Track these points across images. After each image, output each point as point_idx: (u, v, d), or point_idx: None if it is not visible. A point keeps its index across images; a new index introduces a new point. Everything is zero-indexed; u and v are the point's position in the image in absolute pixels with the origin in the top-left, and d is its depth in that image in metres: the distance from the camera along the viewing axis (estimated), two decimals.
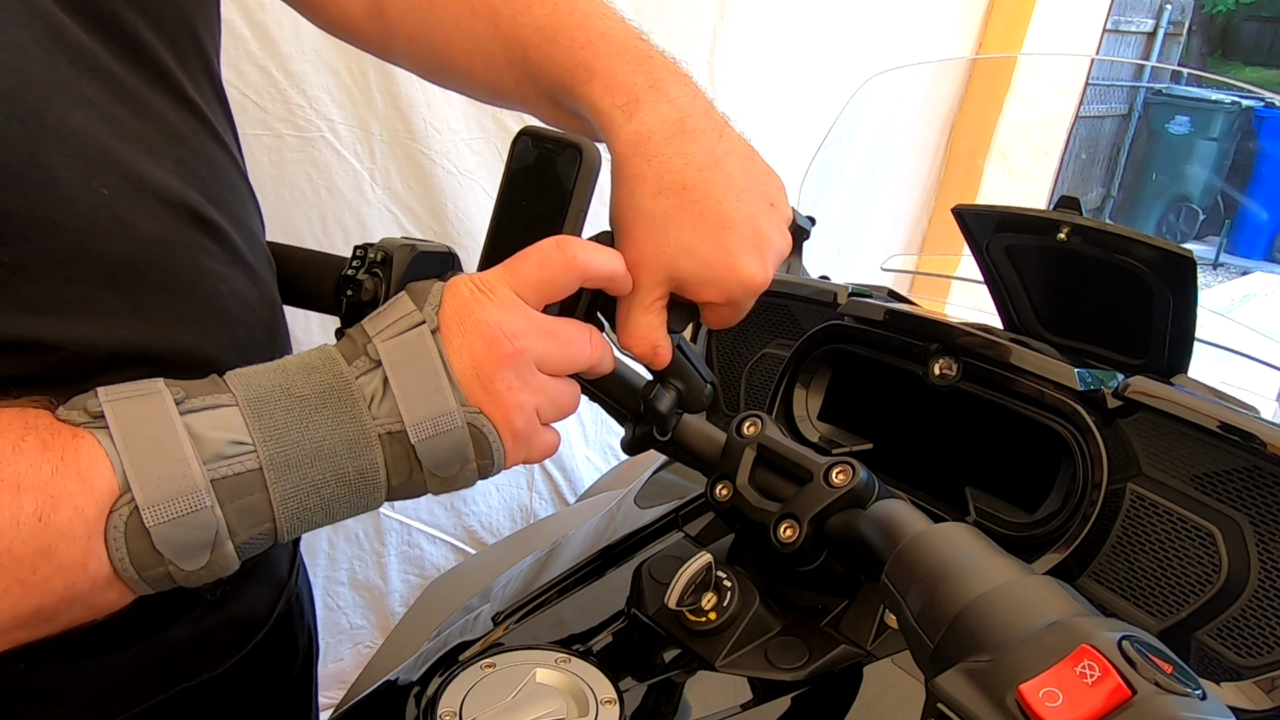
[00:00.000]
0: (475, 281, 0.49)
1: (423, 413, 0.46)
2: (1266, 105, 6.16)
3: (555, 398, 0.50)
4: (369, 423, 0.46)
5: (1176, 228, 6.52)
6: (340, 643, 1.81)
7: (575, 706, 0.57)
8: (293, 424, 0.45)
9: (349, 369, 0.47)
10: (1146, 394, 0.67)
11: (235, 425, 0.44)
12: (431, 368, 0.47)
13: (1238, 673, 0.61)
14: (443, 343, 0.47)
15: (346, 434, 0.45)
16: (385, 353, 0.47)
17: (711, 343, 0.97)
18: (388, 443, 0.46)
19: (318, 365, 0.47)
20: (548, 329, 0.49)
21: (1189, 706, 0.35)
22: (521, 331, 0.48)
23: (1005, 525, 0.72)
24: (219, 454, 0.43)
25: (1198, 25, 9.95)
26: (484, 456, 0.49)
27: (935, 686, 0.40)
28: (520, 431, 0.49)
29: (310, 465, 0.45)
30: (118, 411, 0.42)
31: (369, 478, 0.46)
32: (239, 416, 0.44)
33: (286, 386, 0.46)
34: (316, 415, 0.45)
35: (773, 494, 0.64)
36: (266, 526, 0.45)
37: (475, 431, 0.47)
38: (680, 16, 1.75)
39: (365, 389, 0.46)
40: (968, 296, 1.35)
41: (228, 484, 0.43)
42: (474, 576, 0.96)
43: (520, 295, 0.48)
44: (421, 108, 1.50)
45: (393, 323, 0.48)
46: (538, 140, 0.51)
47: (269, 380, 0.46)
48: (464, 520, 1.88)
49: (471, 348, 0.47)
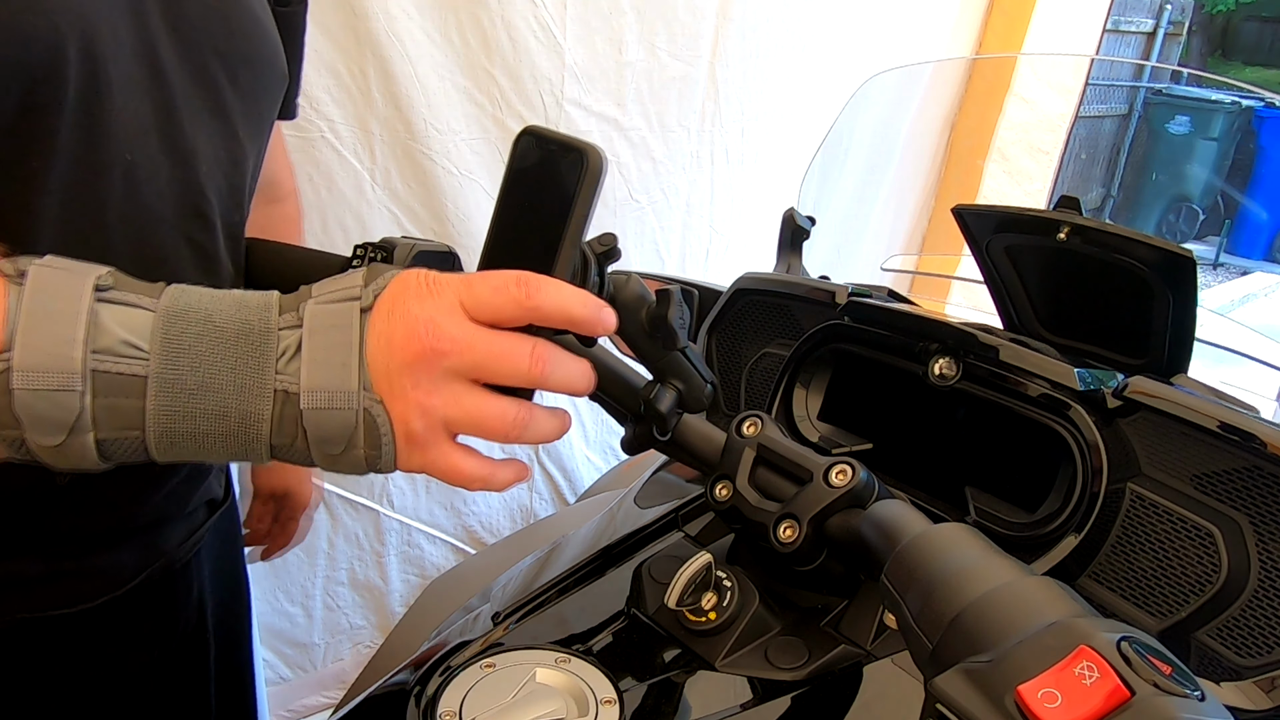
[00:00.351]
0: (426, 278, 0.48)
1: (321, 382, 0.46)
2: (1266, 105, 6.16)
3: (474, 413, 0.47)
4: (269, 374, 0.46)
5: (1176, 228, 6.52)
6: (340, 643, 1.81)
7: (575, 706, 0.57)
8: (196, 349, 0.45)
9: (278, 318, 0.47)
10: (1146, 394, 0.67)
11: (140, 329, 0.45)
12: (345, 341, 0.46)
13: (1237, 673, 0.61)
14: (368, 323, 0.47)
15: (242, 377, 0.46)
16: (310, 315, 0.47)
17: (711, 343, 0.97)
18: (281, 400, 0.46)
19: (252, 305, 0.47)
20: (480, 340, 0.47)
21: (1188, 708, 0.35)
22: (448, 335, 0.46)
23: (1005, 525, 0.72)
24: (111, 349, 0.44)
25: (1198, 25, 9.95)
26: (372, 446, 0.47)
27: (934, 687, 0.40)
28: (416, 435, 0.47)
29: (195, 394, 0.45)
30: (38, 277, 0.44)
31: (250, 426, 0.46)
32: (149, 323, 0.45)
33: (210, 314, 0.46)
34: (222, 349, 0.46)
35: (772, 494, 0.64)
36: (134, 435, 0.45)
37: (368, 418, 0.47)
38: (682, 17, 1.76)
39: (282, 342, 0.46)
40: (968, 296, 1.35)
41: (108, 379, 0.44)
42: (474, 576, 0.96)
43: (465, 307, 0.47)
44: (422, 108, 1.50)
45: (335, 290, 0.48)
46: (541, 141, 0.50)
47: (199, 302, 0.47)
48: (464, 520, 1.89)
49: (391, 335, 0.46)
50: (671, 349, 0.65)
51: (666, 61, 1.78)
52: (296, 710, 1.78)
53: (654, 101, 1.80)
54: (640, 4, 1.68)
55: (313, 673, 1.80)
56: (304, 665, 1.78)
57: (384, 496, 1.74)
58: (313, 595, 1.74)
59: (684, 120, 1.87)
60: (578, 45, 1.63)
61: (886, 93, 1.49)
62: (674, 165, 1.89)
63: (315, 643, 1.78)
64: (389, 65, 1.44)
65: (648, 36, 1.72)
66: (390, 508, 1.76)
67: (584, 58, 1.65)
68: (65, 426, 0.43)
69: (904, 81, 1.70)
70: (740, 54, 1.88)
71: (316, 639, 1.78)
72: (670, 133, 1.86)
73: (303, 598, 1.72)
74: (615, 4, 1.65)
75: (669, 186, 1.91)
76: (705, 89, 1.87)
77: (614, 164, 1.80)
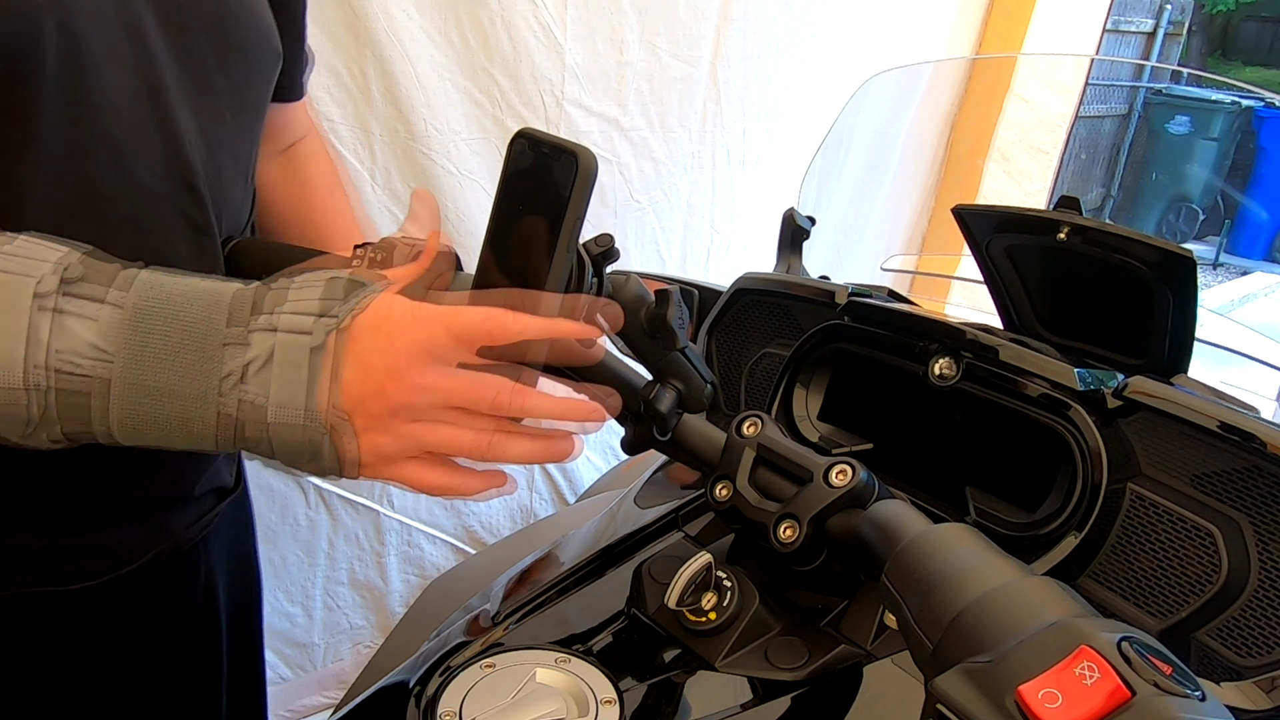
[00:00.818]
0: (395, 319, 0.48)
1: (288, 400, 0.47)
2: (1266, 105, 6.16)
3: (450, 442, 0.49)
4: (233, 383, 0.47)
5: (1176, 228, 6.52)
6: (340, 643, 1.81)
7: (575, 706, 0.57)
8: (162, 356, 0.46)
9: (250, 319, 0.47)
10: (1146, 394, 0.67)
11: (108, 332, 0.45)
12: (314, 363, 0.47)
13: (1238, 673, 0.61)
14: (344, 347, 0.47)
15: (207, 386, 0.46)
16: (283, 325, 0.47)
17: (711, 343, 0.97)
18: (249, 409, 0.47)
19: (224, 303, 0.47)
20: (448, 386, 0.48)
21: (1188, 708, 0.35)
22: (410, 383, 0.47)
23: (1005, 525, 0.72)
24: (76, 350, 0.45)
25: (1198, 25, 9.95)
26: (333, 460, 0.49)
27: (935, 687, 0.40)
28: (388, 456, 0.49)
29: (158, 399, 0.46)
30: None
31: (214, 429, 0.47)
32: (114, 323, 0.46)
33: (179, 312, 0.47)
34: (189, 355, 0.46)
35: (772, 494, 0.64)
36: (101, 430, 0.47)
37: (334, 437, 0.48)
38: (684, 18, 1.76)
39: (251, 350, 0.47)
40: (968, 296, 1.35)
41: (70, 379, 0.45)
42: (474, 576, 0.96)
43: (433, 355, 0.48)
44: (422, 108, 1.50)
45: (310, 300, 0.48)
46: (534, 144, 0.51)
47: (170, 298, 0.47)
48: (464, 520, 1.88)
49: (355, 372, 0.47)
50: (671, 349, 0.65)
51: (668, 62, 1.77)
52: (296, 710, 1.78)
53: (655, 102, 1.80)
54: (641, 4, 1.68)
55: (313, 673, 1.80)
56: (304, 665, 1.78)
57: (384, 496, 1.74)
58: (313, 595, 1.74)
59: (685, 121, 1.87)
60: (578, 45, 1.63)
61: (886, 93, 1.49)
62: (675, 166, 1.89)
63: (315, 643, 1.78)
64: (389, 65, 1.44)
65: (649, 37, 1.72)
66: (390, 508, 1.76)
67: (585, 58, 1.65)
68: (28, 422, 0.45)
69: (904, 81, 1.69)
70: (741, 54, 1.88)
71: (316, 639, 1.78)
72: (671, 133, 1.86)
73: (303, 598, 1.72)
74: (616, 4, 1.65)
75: (670, 187, 1.91)
76: (706, 89, 1.87)
77: (615, 164, 1.80)
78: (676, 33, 1.76)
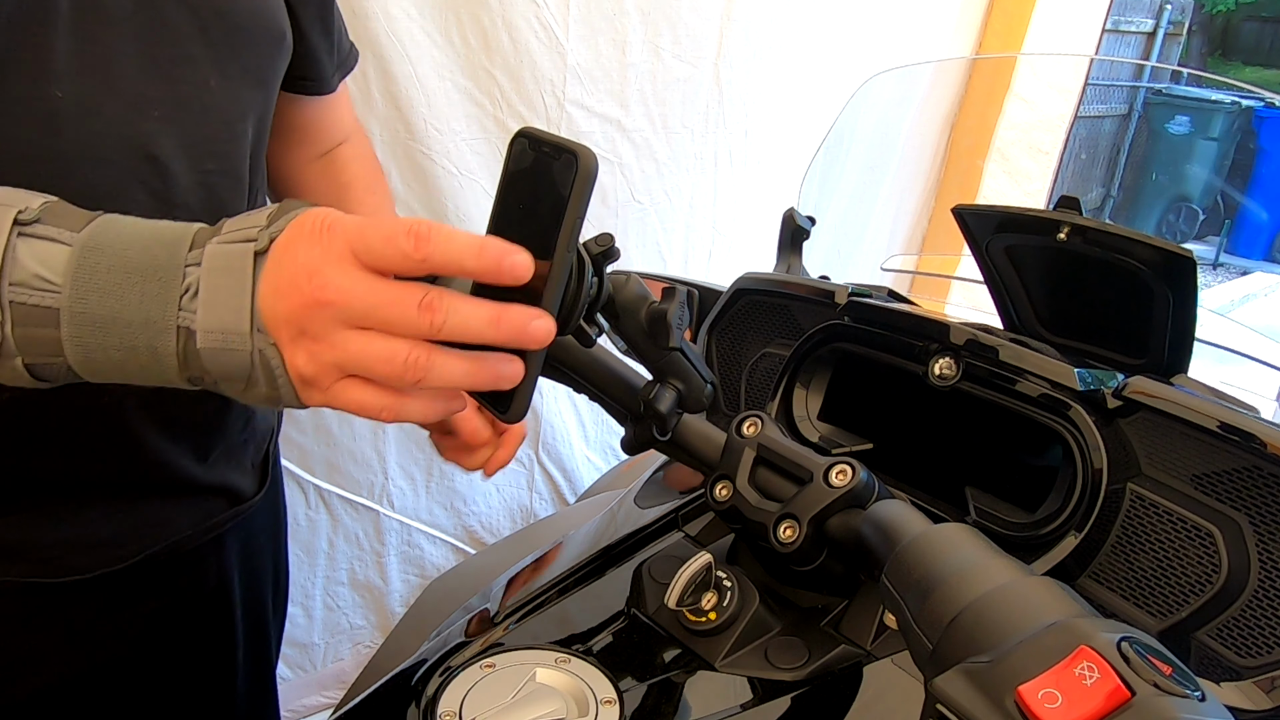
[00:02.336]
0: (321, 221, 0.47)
1: (215, 323, 0.47)
2: (1266, 105, 6.16)
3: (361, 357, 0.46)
4: (171, 310, 0.47)
5: (1176, 228, 6.52)
6: (340, 643, 1.81)
7: (575, 706, 0.57)
8: (107, 284, 0.47)
9: (186, 255, 0.47)
10: (1146, 394, 0.67)
11: (55, 265, 0.47)
12: (238, 286, 0.47)
13: (1238, 673, 0.61)
14: (262, 267, 0.47)
15: (148, 313, 0.47)
16: (209, 255, 0.47)
17: (711, 343, 0.97)
18: (184, 336, 0.47)
19: (168, 241, 0.48)
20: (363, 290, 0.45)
21: (1188, 708, 0.35)
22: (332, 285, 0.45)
23: (1005, 525, 0.72)
24: (25, 282, 0.46)
25: (1198, 25, 9.95)
26: (270, 386, 0.48)
27: (934, 687, 0.40)
28: (308, 378, 0.47)
29: (104, 327, 0.47)
30: None
31: (161, 360, 0.48)
32: (64, 257, 0.47)
33: (125, 249, 0.47)
34: (132, 286, 0.47)
35: (772, 494, 0.64)
36: (58, 361, 0.48)
37: (263, 359, 0.47)
38: (687, 19, 1.76)
39: (187, 279, 0.47)
40: (968, 296, 1.35)
41: (24, 310, 0.46)
42: (474, 576, 0.96)
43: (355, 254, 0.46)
44: (422, 108, 1.50)
45: (238, 229, 0.48)
46: (535, 143, 0.51)
47: (119, 236, 0.48)
48: (464, 520, 1.89)
49: (278, 283, 0.46)
50: (664, 346, 0.65)
51: (670, 63, 1.77)
52: (296, 710, 1.78)
53: (658, 103, 1.80)
54: (645, 5, 1.68)
55: (313, 673, 1.80)
56: (304, 665, 1.78)
57: (384, 496, 1.74)
58: (313, 595, 1.74)
59: (687, 121, 1.87)
60: (580, 46, 1.63)
61: (886, 93, 1.49)
62: (677, 166, 1.89)
63: (315, 643, 1.78)
64: (389, 65, 1.44)
65: (652, 38, 1.72)
66: (390, 508, 1.76)
67: (587, 58, 1.65)
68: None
69: (904, 81, 1.69)
70: (744, 55, 1.88)
71: (316, 639, 1.78)
72: (674, 134, 1.86)
73: (303, 598, 1.72)
74: (619, 5, 1.65)
75: (672, 188, 1.91)
76: (709, 90, 1.87)
77: (617, 165, 1.80)
78: (679, 33, 1.76)
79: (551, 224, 0.49)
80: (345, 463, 1.65)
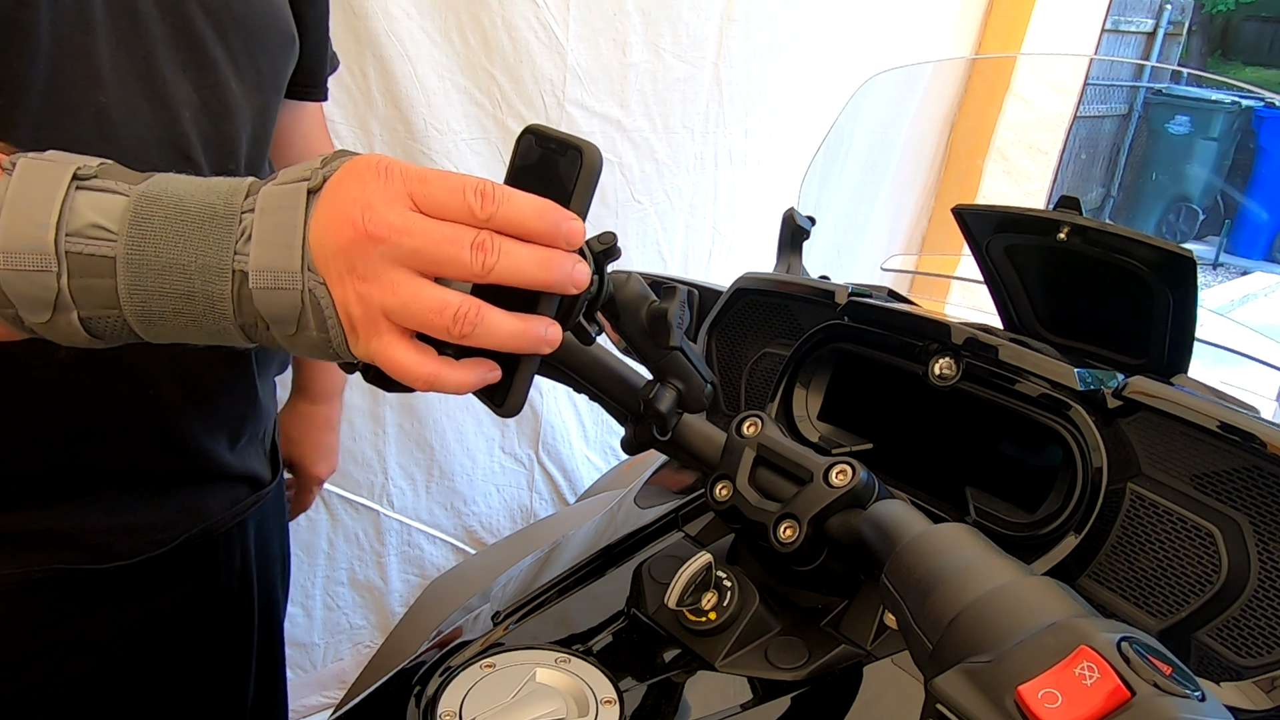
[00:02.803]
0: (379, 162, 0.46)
1: (266, 262, 0.46)
2: (1266, 105, 6.16)
3: (410, 302, 0.45)
4: (228, 255, 0.46)
5: (1176, 228, 6.52)
6: (340, 643, 1.81)
7: (575, 706, 0.57)
8: (163, 231, 0.46)
9: (243, 202, 0.47)
10: (1146, 394, 0.67)
11: (112, 213, 0.46)
12: (290, 223, 0.46)
13: (1238, 673, 0.61)
14: (315, 204, 0.46)
15: (205, 258, 0.46)
16: (263, 197, 0.47)
17: (711, 343, 0.97)
18: (239, 280, 0.46)
19: (221, 190, 0.48)
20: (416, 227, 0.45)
21: (1188, 708, 0.35)
22: (384, 221, 0.44)
23: (1005, 525, 0.72)
24: (81, 232, 0.46)
25: (1198, 25, 9.95)
26: (320, 329, 0.47)
27: (935, 687, 0.40)
28: (356, 320, 0.46)
29: (162, 274, 0.46)
30: (25, 167, 0.46)
31: (216, 306, 0.47)
32: (121, 207, 0.46)
33: (182, 198, 0.47)
34: (188, 232, 0.46)
35: (772, 494, 0.64)
36: (114, 314, 0.47)
37: (313, 299, 0.46)
38: (686, 18, 1.76)
39: (242, 224, 0.47)
40: (968, 296, 1.35)
41: (80, 260, 0.46)
42: (474, 576, 0.96)
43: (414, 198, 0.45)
44: (421, 108, 1.50)
45: (294, 172, 0.48)
46: (541, 139, 0.51)
47: (175, 188, 0.47)
48: (464, 520, 1.88)
49: (329, 217, 0.46)
50: (664, 345, 0.65)
51: (671, 63, 1.77)
52: (296, 710, 1.78)
53: (658, 103, 1.80)
54: (645, 5, 1.68)
55: (313, 673, 1.80)
56: (304, 665, 1.78)
57: (384, 496, 1.74)
58: (313, 595, 1.74)
59: (688, 122, 1.87)
60: (580, 46, 1.63)
61: (886, 93, 1.49)
62: (677, 167, 1.89)
63: (315, 643, 1.78)
64: (389, 65, 1.44)
65: (652, 38, 1.72)
66: (390, 508, 1.76)
67: (587, 59, 1.65)
68: (48, 305, 0.46)
69: (904, 81, 1.69)
70: (744, 55, 1.88)
71: (316, 639, 1.78)
72: (674, 134, 1.86)
73: (303, 598, 1.72)
74: (619, 5, 1.65)
75: (672, 188, 1.91)
76: (709, 90, 1.87)
77: (617, 165, 1.80)
78: (679, 33, 1.76)
79: None
80: (345, 463, 1.65)
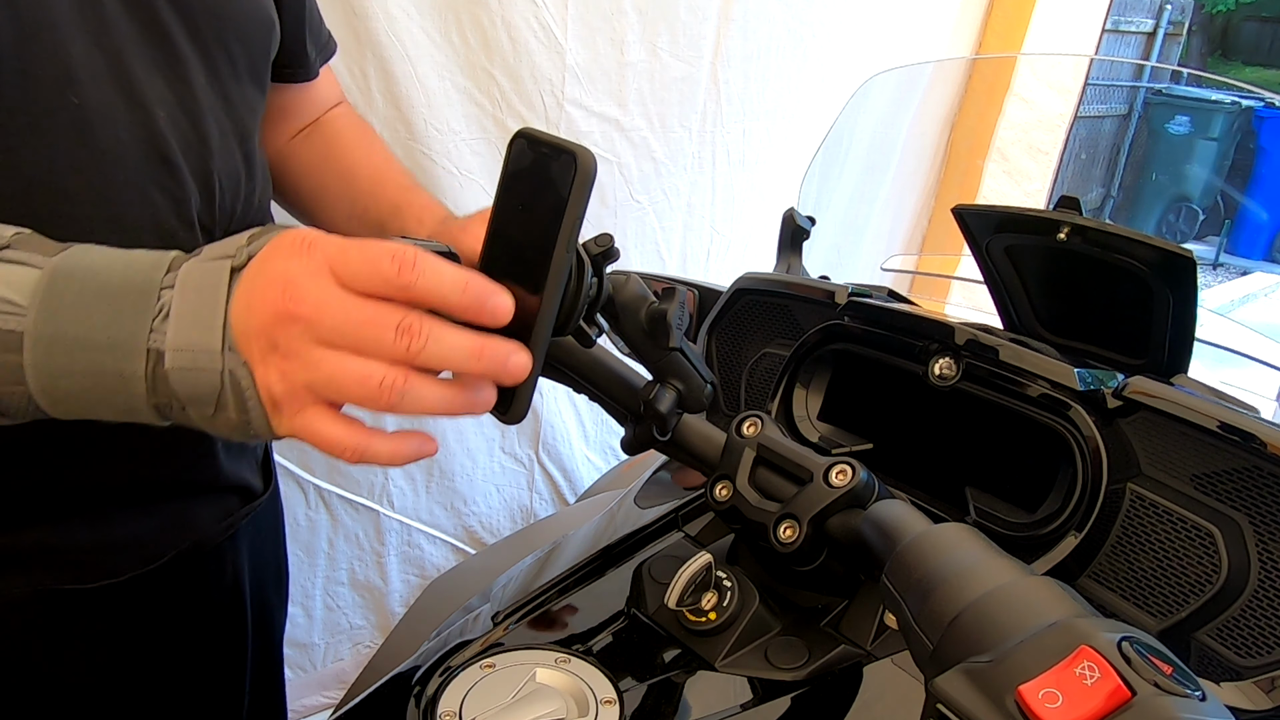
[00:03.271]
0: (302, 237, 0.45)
1: (185, 341, 0.45)
2: (1266, 105, 6.16)
3: (334, 377, 0.44)
4: (142, 332, 0.45)
5: (1176, 228, 6.52)
6: (340, 643, 1.81)
7: (575, 706, 0.57)
8: (76, 307, 0.45)
9: (163, 277, 0.46)
10: (1146, 394, 0.67)
11: (23, 286, 0.45)
12: (212, 301, 0.45)
13: (1238, 673, 0.61)
14: (239, 282, 0.46)
15: (116, 334, 0.45)
16: (184, 274, 0.46)
17: (711, 343, 0.97)
18: (154, 359, 0.45)
19: (141, 263, 0.47)
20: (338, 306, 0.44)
21: (1188, 708, 0.35)
22: (306, 298, 0.43)
23: (1005, 525, 0.72)
24: None
25: (1198, 25, 9.95)
26: (239, 410, 0.46)
27: (935, 687, 0.40)
28: (278, 399, 0.45)
29: (71, 351, 0.45)
30: None
31: (128, 383, 0.46)
32: (32, 280, 0.45)
33: (99, 272, 0.46)
34: (103, 307, 0.45)
35: (772, 494, 0.64)
36: (20, 389, 0.46)
37: (233, 380, 0.45)
38: (684, 18, 1.76)
39: (160, 300, 0.46)
40: (968, 296, 1.35)
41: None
42: (474, 576, 0.96)
43: (335, 272, 0.44)
44: (421, 108, 1.50)
45: (220, 248, 0.47)
46: (533, 144, 0.51)
47: (94, 262, 0.47)
48: (464, 520, 1.88)
49: (251, 295, 0.45)
50: (663, 346, 0.65)
51: (668, 62, 1.77)
52: (296, 710, 1.78)
53: (655, 102, 1.80)
54: (642, 4, 1.68)
55: (313, 673, 1.80)
56: (304, 665, 1.78)
57: (384, 496, 1.74)
58: (313, 595, 1.74)
59: (685, 121, 1.87)
60: (579, 45, 1.63)
61: (886, 93, 1.49)
62: (675, 166, 1.89)
63: (315, 643, 1.78)
64: (389, 65, 1.44)
65: (649, 37, 1.72)
66: (390, 508, 1.76)
67: (585, 58, 1.65)
68: None
69: (904, 81, 1.69)
70: (742, 54, 1.88)
71: (316, 639, 1.78)
72: (672, 133, 1.86)
73: (303, 598, 1.72)
74: (617, 4, 1.65)
75: (670, 187, 1.91)
76: (707, 89, 1.87)
77: (615, 164, 1.80)
78: (677, 33, 1.76)
79: (550, 224, 0.49)
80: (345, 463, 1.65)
